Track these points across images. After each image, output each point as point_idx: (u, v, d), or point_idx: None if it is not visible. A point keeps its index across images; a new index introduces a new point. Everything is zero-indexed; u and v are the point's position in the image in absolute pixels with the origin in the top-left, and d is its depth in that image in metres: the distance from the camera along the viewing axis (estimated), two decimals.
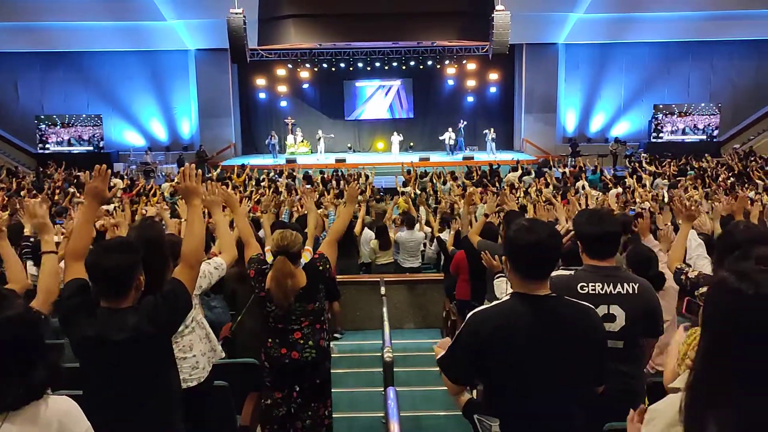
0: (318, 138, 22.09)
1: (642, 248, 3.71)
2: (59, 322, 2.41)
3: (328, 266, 3.63)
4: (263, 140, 22.83)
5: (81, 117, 22.13)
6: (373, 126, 24.86)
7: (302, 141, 23.17)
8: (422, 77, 23.71)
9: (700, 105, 22.87)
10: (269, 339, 3.54)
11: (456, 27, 20.07)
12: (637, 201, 10.77)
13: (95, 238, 4.87)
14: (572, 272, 2.72)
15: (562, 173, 16.91)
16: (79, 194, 11.48)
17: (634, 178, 14.85)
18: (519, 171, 16.96)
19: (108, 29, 20.26)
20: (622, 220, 4.90)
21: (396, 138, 22.59)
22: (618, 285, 2.62)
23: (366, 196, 11.64)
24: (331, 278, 4.62)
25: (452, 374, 2.28)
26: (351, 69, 22.77)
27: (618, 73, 23.34)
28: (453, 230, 7.34)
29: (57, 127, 21.97)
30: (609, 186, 14.32)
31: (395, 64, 22.45)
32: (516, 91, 24.06)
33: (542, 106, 22.97)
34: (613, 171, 19.39)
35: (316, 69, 22.51)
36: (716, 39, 21.99)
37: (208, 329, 3.34)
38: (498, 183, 15.43)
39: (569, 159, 21.05)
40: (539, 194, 12.45)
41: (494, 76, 23.58)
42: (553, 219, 5.82)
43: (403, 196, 12.13)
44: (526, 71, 22.91)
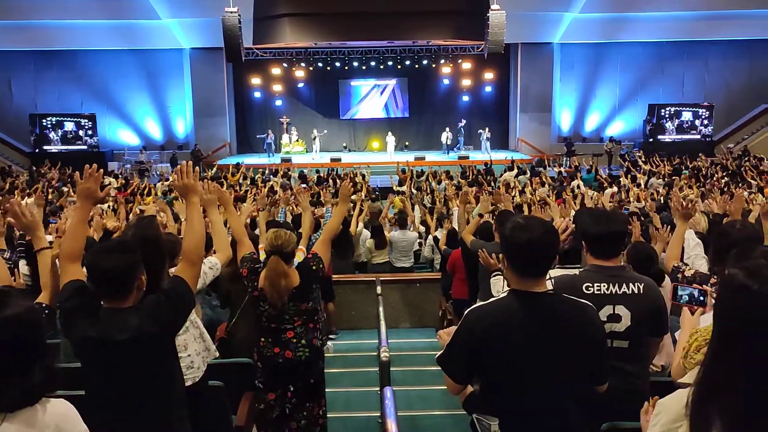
0: (313, 137, 22.09)
1: (642, 245, 3.69)
2: (60, 325, 2.39)
3: (322, 266, 3.61)
4: (258, 139, 22.78)
5: (75, 116, 22.01)
6: (369, 125, 24.85)
7: (297, 140, 23.15)
8: (417, 76, 23.72)
9: (695, 104, 22.97)
10: (262, 338, 3.53)
11: (451, 26, 20.10)
12: (632, 200, 10.80)
13: (102, 238, 4.86)
14: (576, 272, 2.71)
15: (558, 173, 16.93)
16: (74, 193, 11.41)
17: (629, 178, 14.88)
18: (515, 170, 16.97)
19: (102, 28, 20.18)
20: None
21: (391, 137, 22.58)
22: (623, 285, 2.59)
23: (361, 195, 11.62)
24: (326, 278, 4.60)
25: (450, 371, 2.27)
26: (346, 68, 22.76)
27: (613, 73, 23.43)
28: (446, 229, 7.33)
29: (51, 126, 21.85)
30: (604, 185, 14.34)
31: (390, 64, 22.45)
32: (511, 91, 24.10)
33: (537, 106, 23.03)
34: (608, 170, 19.43)
35: (311, 68, 22.49)
36: (710, 39, 22.11)
37: (202, 328, 3.32)
38: (493, 182, 15.45)
39: (564, 158, 21.11)
40: (534, 194, 12.45)
41: (489, 76, 23.59)
42: (549, 219, 5.82)
43: (399, 196, 12.11)
44: (522, 71, 22.95)
